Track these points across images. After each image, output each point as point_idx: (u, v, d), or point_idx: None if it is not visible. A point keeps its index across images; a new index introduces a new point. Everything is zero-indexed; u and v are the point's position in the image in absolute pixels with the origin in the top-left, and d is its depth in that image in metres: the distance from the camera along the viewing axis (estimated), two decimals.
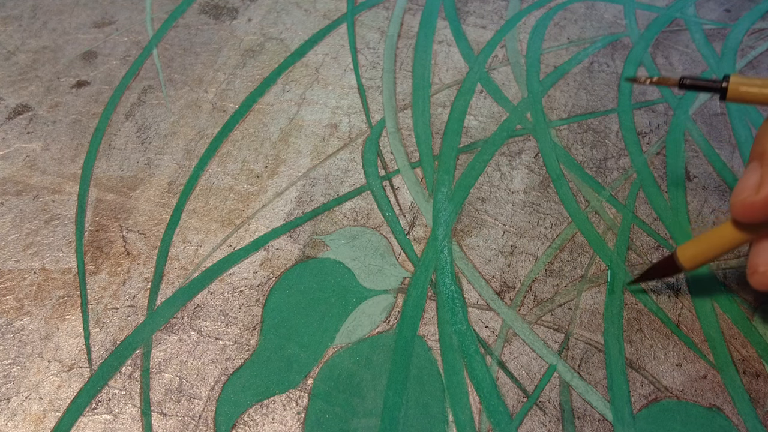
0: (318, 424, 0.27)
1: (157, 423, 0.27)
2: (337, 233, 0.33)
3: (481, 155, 0.36)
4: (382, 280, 0.31)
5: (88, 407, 0.28)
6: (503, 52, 0.41)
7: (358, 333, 0.30)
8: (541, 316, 0.30)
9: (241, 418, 0.27)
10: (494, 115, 0.38)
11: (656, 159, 0.36)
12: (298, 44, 0.41)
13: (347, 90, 0.39)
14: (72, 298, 0.31)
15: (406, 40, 0.42)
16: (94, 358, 0.29)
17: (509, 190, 0.35)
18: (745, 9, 0.43)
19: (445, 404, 0.28)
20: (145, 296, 0.31)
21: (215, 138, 0.37)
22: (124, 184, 0.35)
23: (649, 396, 0.28)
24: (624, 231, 0.33)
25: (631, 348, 0.29)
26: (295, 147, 0.36)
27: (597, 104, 0.38)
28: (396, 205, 0.34)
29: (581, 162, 0.36)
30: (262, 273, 0.31)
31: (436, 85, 0.39)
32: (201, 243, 0.32)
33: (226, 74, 0.40)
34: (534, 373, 0.29)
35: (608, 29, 0.42)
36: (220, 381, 0.28)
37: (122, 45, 0.41)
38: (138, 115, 0.38)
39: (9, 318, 0.30)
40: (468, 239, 0.33)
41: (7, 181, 0.35)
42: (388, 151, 0.36)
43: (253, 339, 0.29)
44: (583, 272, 0.32)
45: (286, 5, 0.44)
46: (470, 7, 0.44)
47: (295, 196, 0.34)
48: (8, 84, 0.39)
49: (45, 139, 0.37)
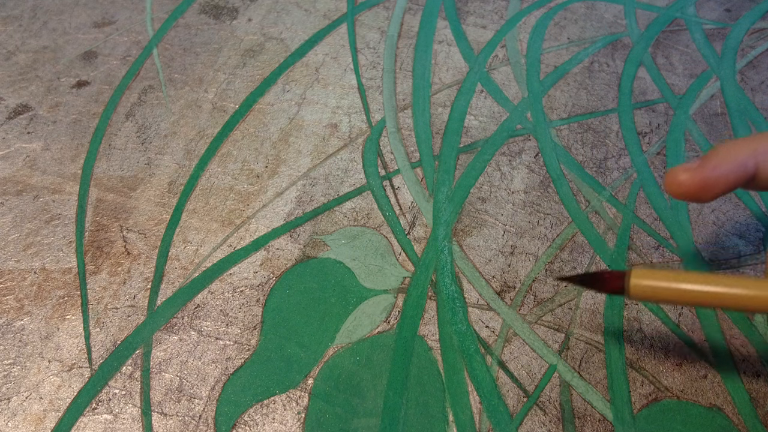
0: (318, 424, 0.27)
1: (157, 423, 0.27)
2: (338, 233, 0.33)
3: (482, 155, 0.36)
4: (382, 280, 0.31)
5: (88, 407, 0.28)
6: (503, 51, 0.41)
7: (359, 333, 0.30)
8: (541, 316, 0.30)
9: (241, 418, 0.27)
10: (494, 114, 0.38)
11: (657, 159, 0.36)
12: (298, 44, 0.41)
13: (347, 90, 0.39)
14: (72, 298, 0.31)
15: (406, 40, 0.42)
16: (95, 358, 0.29)
17: (509, 190, 0.35)
18: (745, 9, 0.43)
19: (445, 404, 0.28)
20: (145, 296, 0.31)
21: (215, 138, 0.37)
22: (124, 184, 0.35)
23: (650, 396, 0.28)
24: (624, 231, 0.33)
25: (631, 348, 0.29)
26: (295, 147, 0.36)
27: (597, 104, 0.38)
28: (396, 205, 0.34)
29: (581, 162, 0.36)
30: (263, 273, 0.31)
31: (436, 85, 0.39)
32: (201, 243, 0.32)
33: (227, 74, 0.40)
34: (534, 373, 0.29)
35: (608, 29, 0.42)
36: (220, 381, 0.28)
37: (122, 45, 0.41)
38: (138, 115, 0.38)
39: (9, 318, 0.30)
40: (468, 239, 0.33)
41: (7, 181, 0.35)
42: (388, 151, 0.36)
43: (254, 339, 0.29)
44: (583, 272, 0.31)
45: (287, 5, 0.44)
46: (470, 6, 0.44)
47: (296, 196, 0.34)
48: (8, 84, 0.39)
49: (45, 139, 0.37)
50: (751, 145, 0.25)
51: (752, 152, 0.24)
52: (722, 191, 0.25)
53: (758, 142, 0.25)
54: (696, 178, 0.25)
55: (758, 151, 0.24)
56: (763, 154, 0.24)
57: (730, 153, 0.25)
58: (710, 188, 0.25)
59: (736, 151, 0.25)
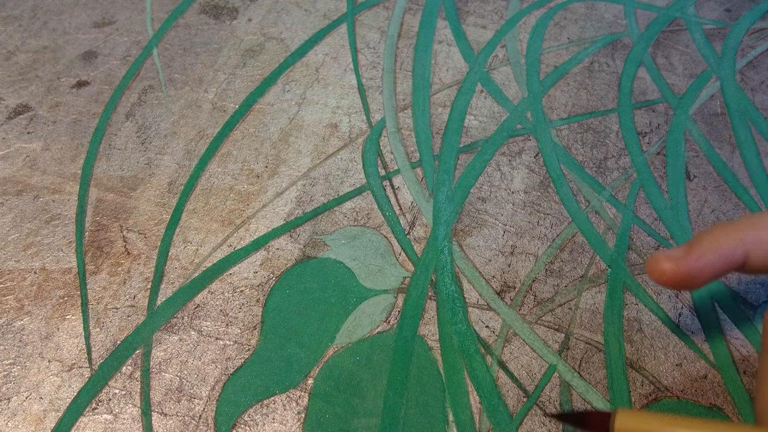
0: (318, 424, 0.27)
1: (157, 423, 0.27)
2: (338, 233, 0.33)
3: (482, 155, 0.36)
4: (382, 280, 0.31)
5: (88, 407, 0.28)
6: (503, 51, 0.41)
7: (359, 333, 0.30)
8: (541, 316, 0.30)
9: (241, 418, 0.27)
10: (494, 114, 0.38)
11: (656, 159, 0.36)
12: (298, 44, 0.41)
13: (347, 90, 0.39)
14: (72, 298, 0.31)
15: (406, 39, 0.42)
16: (95, 358, 0.29)
17: (509, 190, 0.35)
18: (745, 9, 0.43)
19: (445, 404, 0.28)
20: (145, 296, 0.31)
21: (215, 138, 0.37)
22: (124, 184, 0.35)
23: (650, 396, 0.28)
24: (624, 231, 0.33)
25: (631, 348, 0.29)
26: (295, 147, 0.36)
27: (597, 104, 0.38)
28: (396, 205, 0.34)
29: (581, 162, 0.36)
30: (263, 273, 0.31)
31: (436, 85, 0.39)
32: (201, 243, 0.32)
33: (227, 74, 0.40)
34: (534, 373, 0.29)
35: (608, 29, 0.42)
36: (220, 381, 0.28)
37: (122, 45, 0.41)
38: (138, 115, 0.38)
39: (9, 318, 0.30)
40: (468, 239, 0.33)
41: (7, 181, 0.35)
42: (388, 151, 0.36)
43: (254, 339, 0.29)
44: (583, 272, 0.32)
45: (286, 5, 0.44)
46: (470, 6, 0.44)
47: (296, 196, 0.34)
48: (8, 84, 0.39)
49: (45, 139, 0.37)
50: (737, 234, 0.24)
51: (739, 242, 0.24)
52: (707, 281, 0.24)
53: (745, 230, 0.24)
54: (680, 269, 0.24)
55: (746, 241, 0.24)
56: (753, 243, 0.24)
57: (716, 242, 0.24)
58: (694, 279, 0.24)
59: (722, 241, 0.24)
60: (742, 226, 0.24)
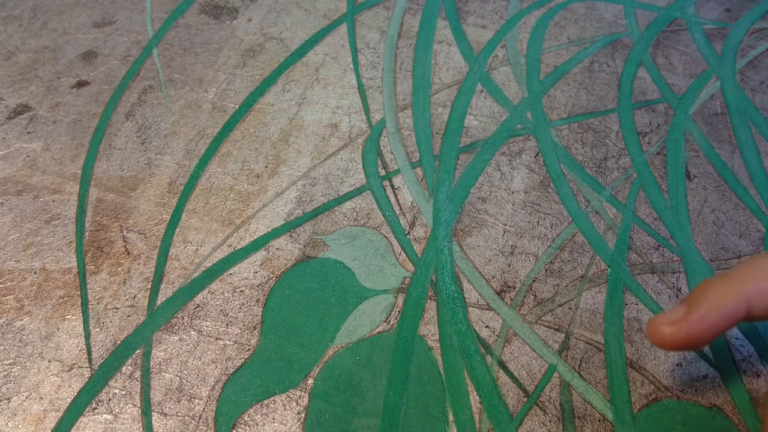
0: (318, 424, 0.27)
1: (157, 423, 0.27)
2: (338, 233, 0.33)
3: (482, 155, 0.36)
4: (382, 280, 0.31)
5: (88, 407, 0.28)
6: (503, 51, 0.41)
7: (359, 333, 0.30)
8: (541, 316, 0.30)
9: (241, 418, 0.27)
10: (494, 114, 0.38)
11: (656, 159, 0.36)
12: (298, 44, 0.41)
13: (347, 90, 0.39)
14: (72, 298, 0.31)
15: (406, 39, 0.42)
16: (95, 358, 0.29)
17: (509, 190, 0.35)
18: (745, 9, 0.43)
19: (445, 404, 0.28)
20: (145, 296, 0.31)
21: (215, 138, 0.37)
22: (124, 184, 0.35)
23: (650, 396, 0.28)
24: (624, 231, 0.33)
25: (631, 348, 0.29)
26: (295, 147, 0.36)
27: (597, 104, 0.38)
28: (396, 205, 0.34)
29: (581, 162, 0.36)
30: (263, 273, 0.31)
31: (436, 85, 0.39)
32: (201, 243, 0.32)
33: (227, 74, 0.40)
34: (534, 373, 0.29)
35: (608, 29, 0.42)
36: (220, 381, 0.28)
37: (122, 45, 0.41)
38: (138, 115, 0.38)
39: (9, 318, 0.30)
40: (468, 239, 0.33)
41: (7, 181, 0.35)
42: (388, 151, 0.36)
43: (254, 339, 0.29)
44: (583, 272, 0.32)
45: (286, 5, 0.44)
46: (470, 6, 0.44)
47: (296, 196, 0.34)
48: (8, 84, 0.39)
49: (45, 139, 0.37)
50: (739, 288, 0.23)
51: (741, 297, 0.23)
52: (710, 340, 0.23)
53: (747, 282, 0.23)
54: (681, 334, 0.23)
55: (748, 294, 0.23)
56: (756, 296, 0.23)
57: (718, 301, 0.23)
58: (696, 341, 0.23)
59: (723, 299, 0.23)
60: (743, 276, 0.23)
